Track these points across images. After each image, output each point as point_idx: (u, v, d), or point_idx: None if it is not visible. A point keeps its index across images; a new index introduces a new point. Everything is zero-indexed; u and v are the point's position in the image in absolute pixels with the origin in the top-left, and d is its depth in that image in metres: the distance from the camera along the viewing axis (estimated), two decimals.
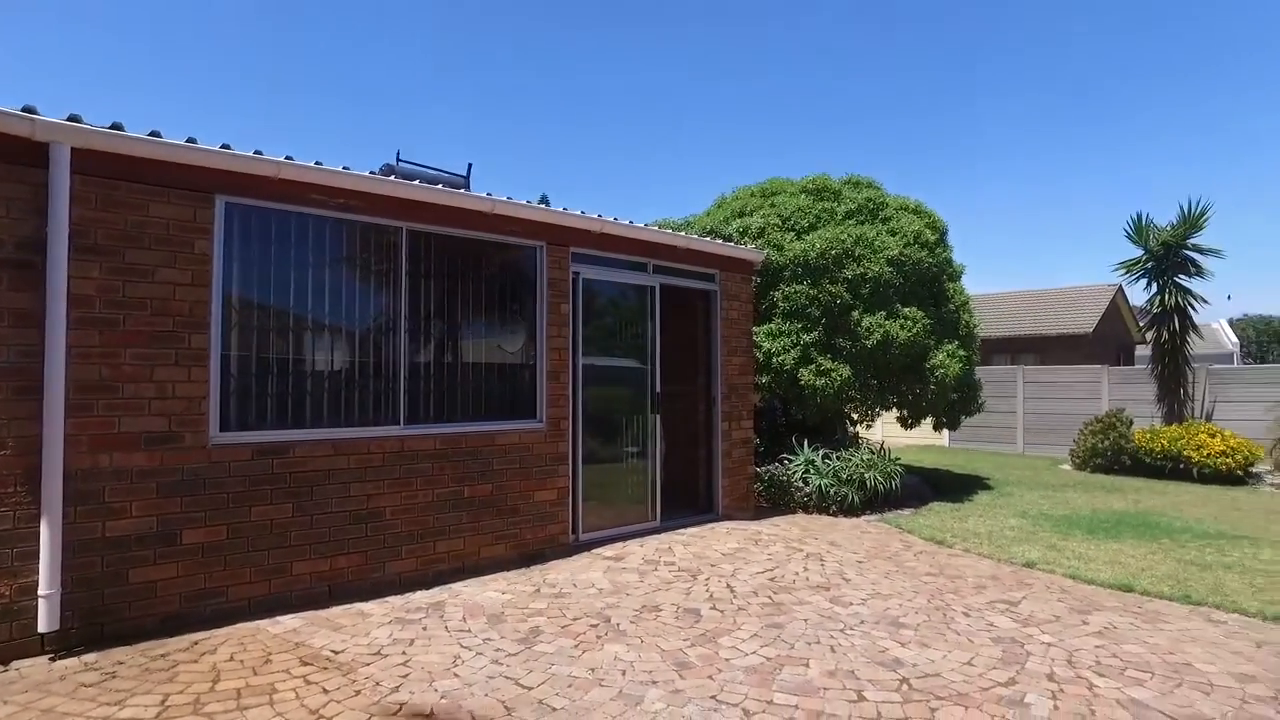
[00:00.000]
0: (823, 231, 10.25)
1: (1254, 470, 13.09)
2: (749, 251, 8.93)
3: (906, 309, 9.96)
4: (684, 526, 7.88)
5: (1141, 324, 17.10)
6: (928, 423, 11.43)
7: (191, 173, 4.84)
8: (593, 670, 4.13)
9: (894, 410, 10.89)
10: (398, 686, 3.85)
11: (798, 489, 9.40)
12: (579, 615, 5.08)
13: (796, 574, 6.22)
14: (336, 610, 5.10)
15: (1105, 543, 7.83)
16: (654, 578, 6.01)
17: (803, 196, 11.10)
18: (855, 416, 11.06)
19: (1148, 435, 13.74)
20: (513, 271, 6.74)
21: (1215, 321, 37.31)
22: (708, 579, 5.99)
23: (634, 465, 7.77)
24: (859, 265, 9.89)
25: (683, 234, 8.28)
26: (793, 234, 10.53)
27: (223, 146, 4.92)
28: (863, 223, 10.68)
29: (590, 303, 7.38)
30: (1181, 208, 14.18)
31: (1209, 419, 14.66)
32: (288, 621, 4.83)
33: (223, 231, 5.02)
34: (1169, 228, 14.24)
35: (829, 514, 9.19)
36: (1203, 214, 13.97)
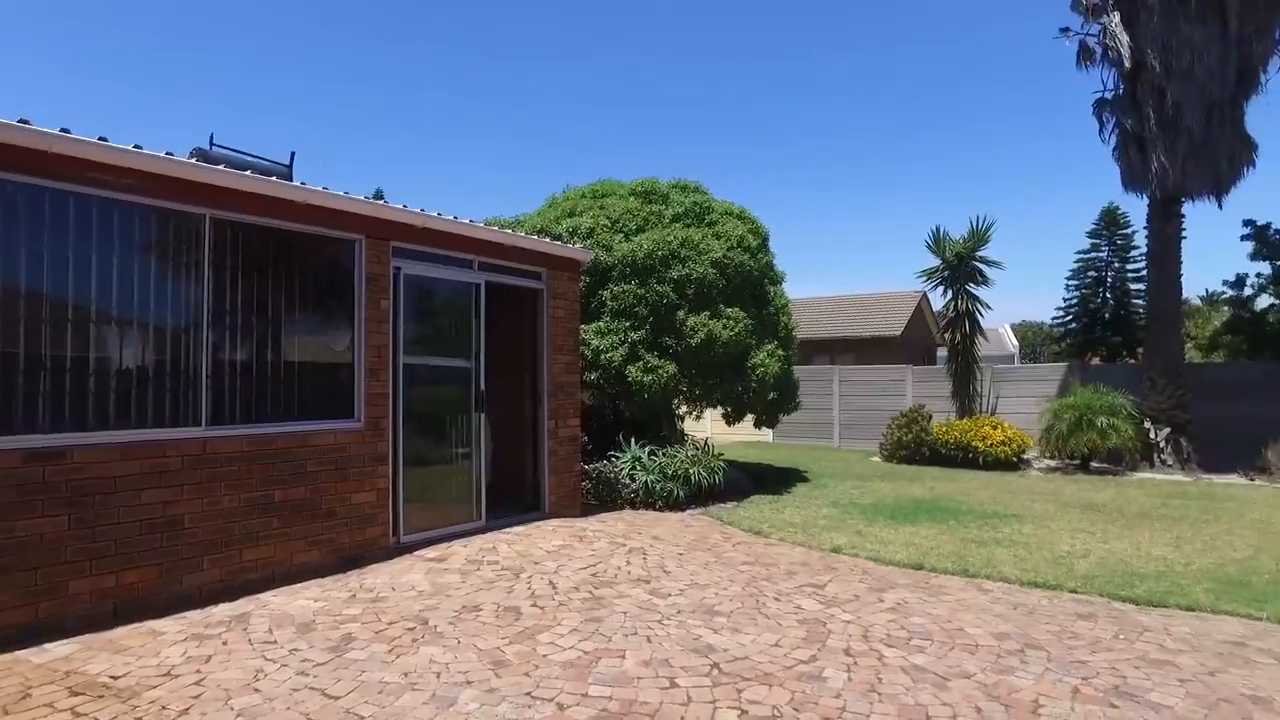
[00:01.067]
0: (650, 233, 10.52)
1: (1025, 456, 14.73)
2: (576, 251, 9.01)
3: (729, 309, 10.40)
4: (511, 525, 7.84)
5: (940, 326, 18.78)
6: (751, 419, 12.01)
7: None
8: (406, 675, 4.04)
9: (718, 407, 11.36)
10: (187, 709, 3.59)
11: (625, 486, 9.60)
12: (395, 619, 4.93)
13: (619, 568, 6.35)
14: (123, 631, 4.67)
15: (904, 527, 8.53)
16: (476, 578, 5.94)
17: (632, 199, 11.34)
18: (683, 413, 11.43)
19: (944, 428, 15.12)
20: (331, 265, 6.44)
21: (1000, 326, 41.63)
22: (531, 577, 6.00)
23: (459, 465, 7.63)
24: (685, 266, 10.23)
25: (509, 231, 8.22)
26: (621, 235, 10.73)
27: None
28: (689, 226, 11.05)
29: (413, 299, 7.18)
30: (971, 222, 15.77)
31: (993, 413, 16.32)
32: (58, 649, 4.36)
33: None
34: (961, 240, 15.75)
35: (655, 509, 9.44)
36: (988, 229, 15.58)
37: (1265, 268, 18.38)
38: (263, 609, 5.13)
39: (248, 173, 5.78)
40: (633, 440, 10.11)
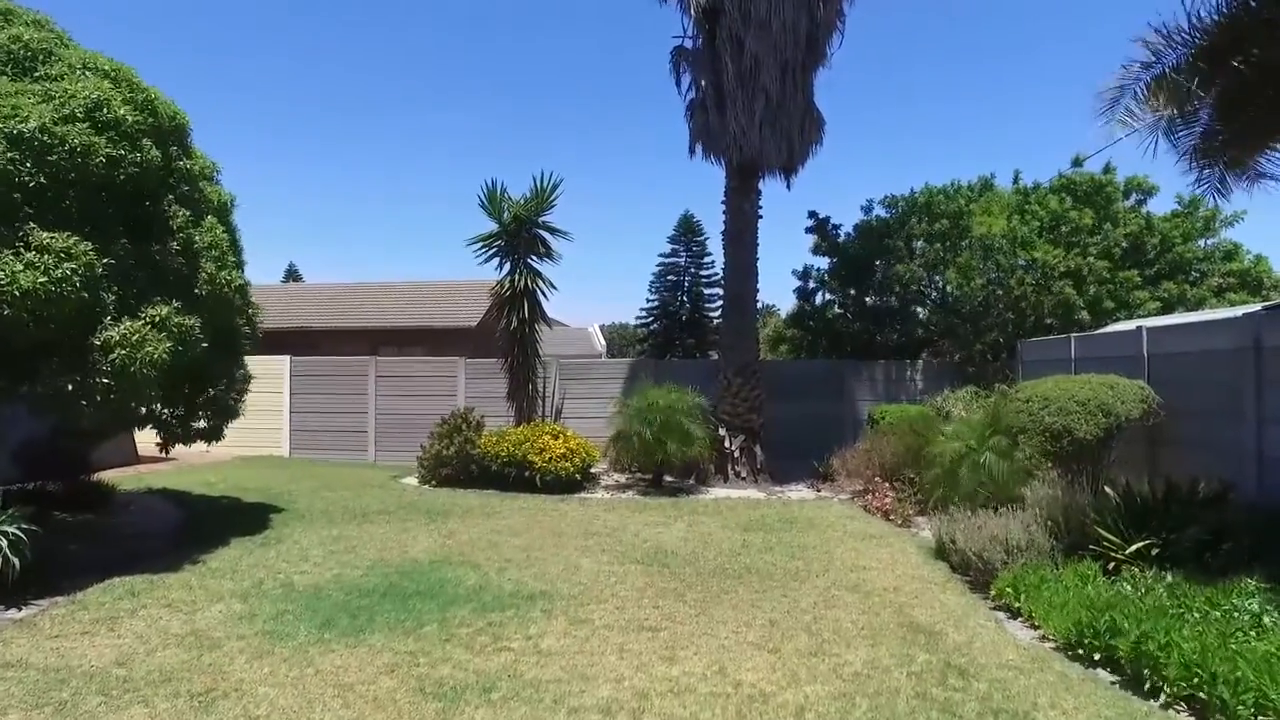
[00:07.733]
0: None
1: (592, 472, 11.85)
2: None
3: (52, 235, 5.45)
4: None
5: (497, 308, 14.97)
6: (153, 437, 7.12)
7: None
8: None
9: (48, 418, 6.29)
10: None
11: None
12: None
13: None
14: None
15: (329, 653, 4.46)
16: None
17: None
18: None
19: (494, 439, 11.57)
20: None
21: (591, 325, 40.90)
22: None
23: None
24: None
25: None
26: None
27: None
28: None
29: None
30: (535, 180, 12.44)
31: (559, 417, 13.33)
32: None
33: None
34: (522, 201, 12.41)
35: None
36: (554, 189, 12.39)
37: (825, 262, 17.96)
38: None
39: None
40: None
